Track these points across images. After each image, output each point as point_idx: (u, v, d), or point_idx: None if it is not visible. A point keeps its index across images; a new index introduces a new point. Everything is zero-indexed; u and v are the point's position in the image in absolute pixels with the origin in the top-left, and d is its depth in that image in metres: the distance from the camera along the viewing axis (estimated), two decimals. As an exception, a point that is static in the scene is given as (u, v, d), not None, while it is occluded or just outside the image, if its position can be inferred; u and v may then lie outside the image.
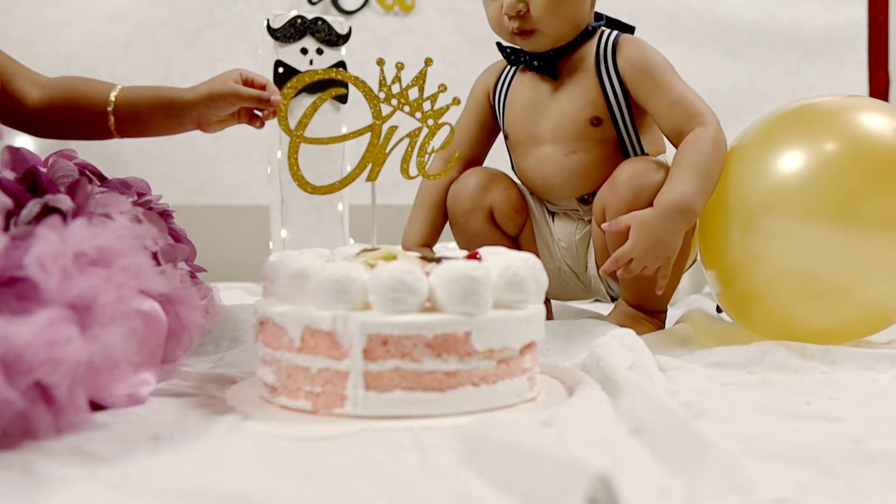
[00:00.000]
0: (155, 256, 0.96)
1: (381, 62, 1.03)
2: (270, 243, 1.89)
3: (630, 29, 1.35)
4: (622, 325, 1.23)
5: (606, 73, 1.28)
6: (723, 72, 2.76)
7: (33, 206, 0.86)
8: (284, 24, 1.83)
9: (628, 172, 1.21)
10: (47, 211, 0.87)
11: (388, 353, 0.76)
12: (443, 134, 1.05)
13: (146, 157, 2.47)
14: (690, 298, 1.68)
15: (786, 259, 1.11)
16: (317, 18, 1.86)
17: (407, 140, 1.04)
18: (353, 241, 1.97)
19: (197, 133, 1.25)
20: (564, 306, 1.51)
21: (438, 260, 0.89)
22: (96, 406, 0.77)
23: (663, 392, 0.80)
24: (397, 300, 0.76)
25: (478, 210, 1.33)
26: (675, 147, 1.24)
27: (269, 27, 1.83)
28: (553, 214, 1.38)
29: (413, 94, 1.04)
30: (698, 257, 1.31)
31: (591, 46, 1.31)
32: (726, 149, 1.22)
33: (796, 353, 1.03)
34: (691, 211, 1.15)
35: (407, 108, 1.03)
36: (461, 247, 1.38)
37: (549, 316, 1.42)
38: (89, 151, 1.30)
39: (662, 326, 1.29)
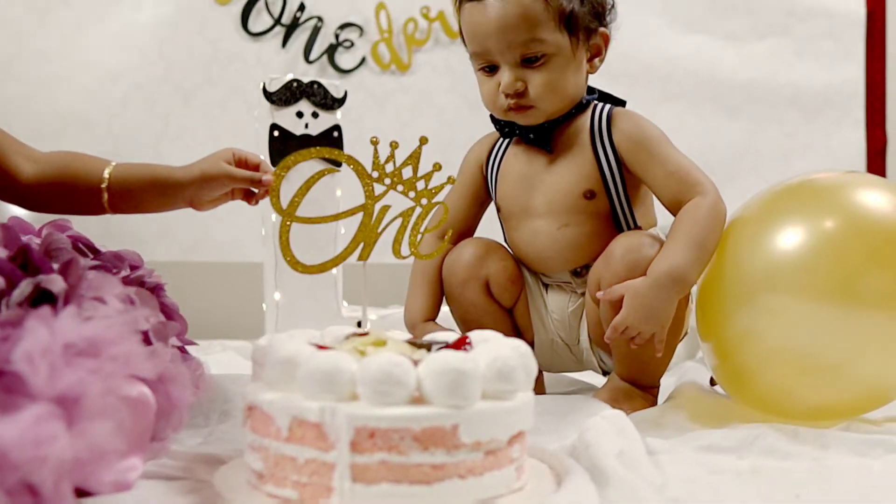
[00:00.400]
0: (146, 335, 0.96)
1: (375, 141, 1.03)
2: (264, 305, 1.90)
3: (622, 102, 1.37)
4: (614, 400, 1.24)
5: (602, 146, 1.30)
6: (719, 131, 2.79)
7: (25, 287, 0.86)
8: (280, 88, 1.85)
9: (623, 247, 1.22)
10: (39, 292, 0.87)
11: (376, 446, 0.75)
12: (435, 212, 1.06)
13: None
14: (685, 365, 1.68)
15: (782, 336, 1.12)
16: (312, 82, 1.88)
17: (400, 219, 1.04)
18: (346, 304, 1.97)
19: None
20: (558, 377, 1.51)
21: (429, 346, 0.90)
22: (81, 492, 0.77)
23: (650, 487, 0.80)
24: (385, 392, 0.76)
25: (474, 281, 1.33)
26: (673, 215, 1.26)
27: (264, 90, 1.85)
28: (547, 286, 1.39)
29: (407, 172, 1.04)
30: (691, 328, 1.32)
31: (585, 119, 1.33)
32: (725, 218, 1.23)
33: (787, 437, 1.03)
34: (685, 280, 1.17)
35: (400, 188, 1.04)
36: (456, 318, 1.38)
37: (542, 389, 1.42)
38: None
39: (655, 401, 1.29)
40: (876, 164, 2.86)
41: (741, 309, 1.15)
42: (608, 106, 1.34)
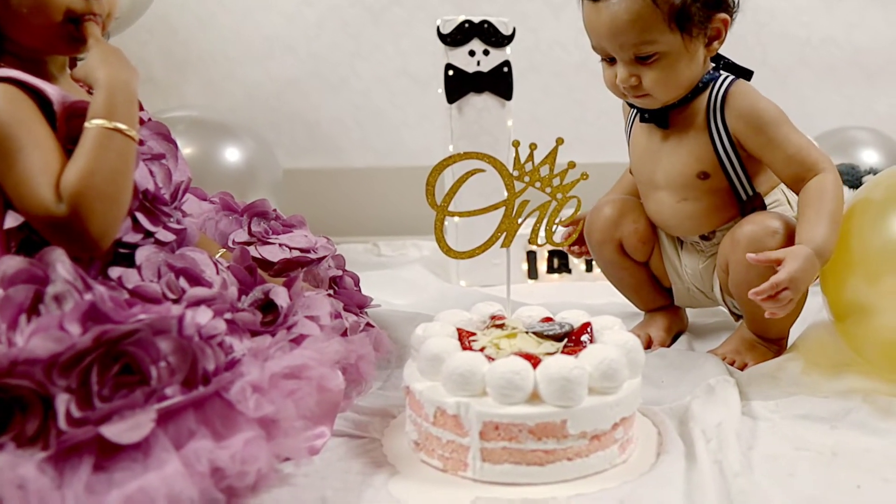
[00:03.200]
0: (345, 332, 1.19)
1: (516, 144, 1.17)
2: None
3: (747, 73, 1.37)
4: (737, 352, 1.37)
5: (716, 129, 1.34)
6: None
7: (257, 293, 1.11)
8: (453, 30, 2.00)
9: (747, 237, 1.28)
10: (266, 300, 1.11)
11: (499, 436, 0.95)
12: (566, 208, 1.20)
13: (341, 124, 2.73)
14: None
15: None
16: (483, 21, 2.01)
17: (537, 212, 1.20)
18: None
19: (386, 103, 1.59)
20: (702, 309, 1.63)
21: (559, 337, 1.07)
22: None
23: (729, 472, 0.96)
24: (507, 395, 0.95)
25: (609, 242, 1.49)
26: (793, 191, 1.32)
27: (439, 32, 2.00)
28: (682, 243, 1.49)
29: (544, 171, 1.19)
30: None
31: (702, 99, 1.35)
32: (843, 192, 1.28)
33: (880, 412, 1.12)
34: (829, 256, 1.21)
35: (538, 185, 1.19)
36: (599, 267, 1.55)
37: (683, 325, 1.57)
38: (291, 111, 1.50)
39: (781, 352, 1.37)
40: None
41: (859, 283, 1.21)
42: (725, 83, 1.34)
